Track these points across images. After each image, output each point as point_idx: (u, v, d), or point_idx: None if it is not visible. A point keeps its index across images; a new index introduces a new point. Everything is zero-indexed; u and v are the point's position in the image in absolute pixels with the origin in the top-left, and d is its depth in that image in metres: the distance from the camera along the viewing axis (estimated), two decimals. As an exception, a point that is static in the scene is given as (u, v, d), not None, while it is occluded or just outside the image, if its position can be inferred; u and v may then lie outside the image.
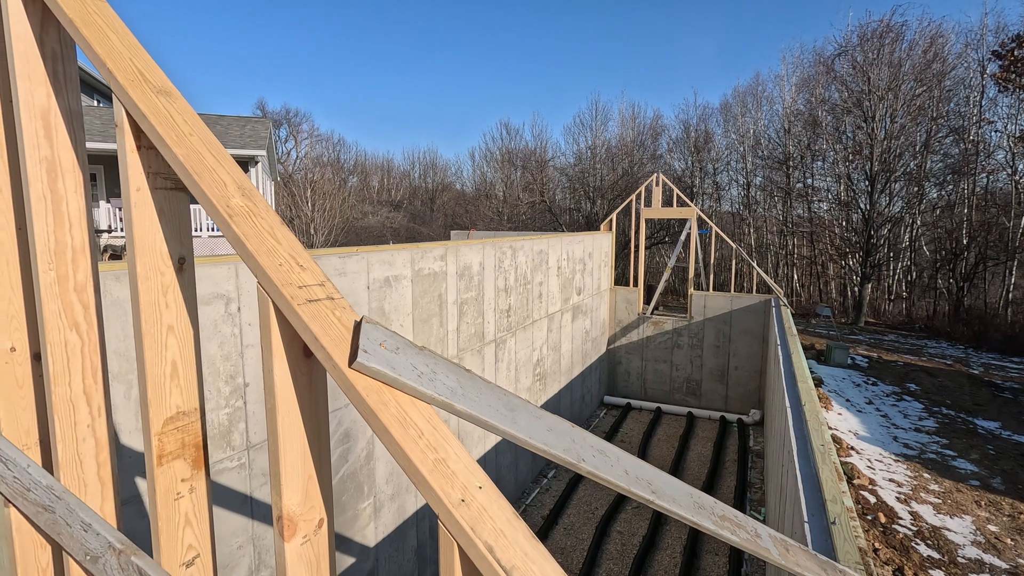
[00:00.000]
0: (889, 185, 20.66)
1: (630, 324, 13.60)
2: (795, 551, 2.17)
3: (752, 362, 12.32)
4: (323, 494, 1.23)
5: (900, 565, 3.33)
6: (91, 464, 1.63)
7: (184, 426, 1.43)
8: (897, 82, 20.06)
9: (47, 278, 1.49)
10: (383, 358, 1.09)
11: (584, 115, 43.54)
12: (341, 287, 4.53)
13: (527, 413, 1.33)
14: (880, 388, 8.42)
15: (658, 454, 10.46)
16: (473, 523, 0.93)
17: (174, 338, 1.38)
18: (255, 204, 1.24)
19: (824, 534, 2.89)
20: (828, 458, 3.67)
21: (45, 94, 1.47)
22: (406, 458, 0.97)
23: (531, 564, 0.90)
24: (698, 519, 1.77)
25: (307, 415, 1.19)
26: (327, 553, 1.26)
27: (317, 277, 1.18)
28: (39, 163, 1.46)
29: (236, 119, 19.32)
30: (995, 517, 4.50)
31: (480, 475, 1.04)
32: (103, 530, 1.42)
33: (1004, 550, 3.91)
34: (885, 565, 3.31)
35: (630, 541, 7.48)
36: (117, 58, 1.28)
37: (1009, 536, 4.15)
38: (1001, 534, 4.18)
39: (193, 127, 1.29)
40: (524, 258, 8.26)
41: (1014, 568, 3.70)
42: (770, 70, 48.86)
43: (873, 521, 3.95)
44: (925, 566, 3.38)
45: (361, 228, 39.68)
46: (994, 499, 4.89)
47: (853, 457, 5.22)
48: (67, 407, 1.56)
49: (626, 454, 1.63)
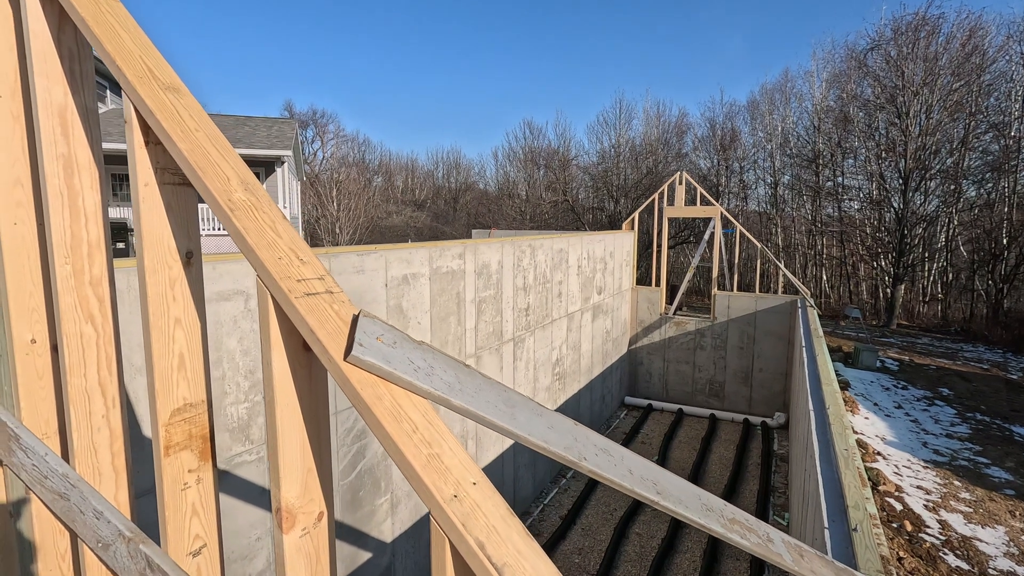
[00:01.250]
0: (924, 183, 20.00)
1: (652, 324, 13.44)
2: (810, 557, 2.11)
3: (777, 364, 12.06)
4: (323, 487, 1.23)
5: (926, 575, 3.20)
6: (105, 454, 1.67)
7: (191, 418, 1.44)
8: (933, 77, 19.38)
9: (63, 271, 1.53)
10: (379, 352, 1.08)
11: (608, 114, 43.24)
12: (359, 284, 4.58)
13: (528, 410, 1.31)
14: (910, 392, 8.14)
15: (679, 456, 10.32)
16: (465, 519, 0.92)
17: (181, 331, 1.40)
18: (257, 199, 1.24)
19: (845, 541, 2.80)
20: (851, 463, 3.56)
21: (62, 92, 1.51)
22: (399, 452, 0.96)
23: (524, 562, 0.88)
24: (705, 521, 1.73)
25: (306, 408, 1.19)
26: (327, 546, 1.26)
27: (317, 271, 1.18)
28: (56, 159, 1.50)
29: (263, 120, 19.71)
30: (1031, 528, 4.30)
31: (475, 471, 1.03)
32: (114, 518, 1.45)
33: (1040, 563, 3.73)
34: (910, 575, 3.18)
35: (648, 543, 7.39)
36: (127, 56, 1.31)
37: (1045, 548, 3.96)
38: (1037, 546, 4.00)
39: (199, 123, 1.30)
40: (543, 257, 8.23)
41: (1049, 582, 3.52)
42: (799, 66, 47.73)
43: (898, 529, 3.81)
44: (953, 577, 3.26)
45: (385, 227, 40.11)
46: (1030, 509, 4.65)
47: (879, 462, 5.04)
48: (83, 398, 1.59)
49: (631, 454, 1.59)
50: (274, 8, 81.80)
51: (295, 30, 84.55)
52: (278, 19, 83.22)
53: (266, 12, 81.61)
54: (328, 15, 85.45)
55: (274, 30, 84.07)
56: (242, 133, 18.05)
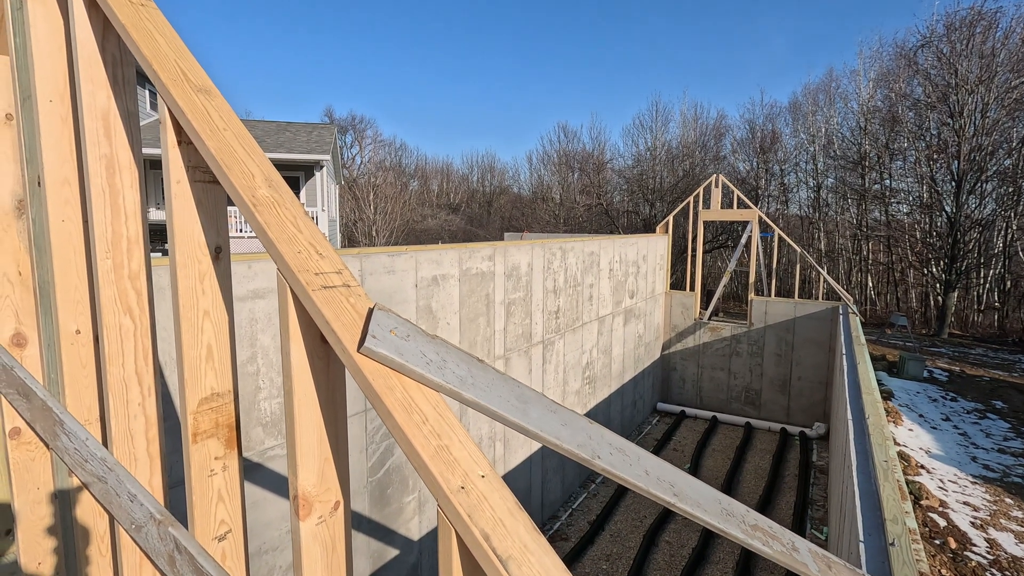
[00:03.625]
0: (979, 185, 19.01)
1: (686, 329, 13.18)
2: (839, 569, 2.03)
3: (817, 372, 11.65)
4: (340, 477, 1.26)
5: None
6: (141, 440, 1.74)
7: (218, 407, 1.50)
8: (990, 74, 18.42)
9: (104, 266, 1.62)
10: (392, 344, 1.10)
11: (644, 116, 42.74)
12: (390, 285, 4.66)
13: (541, 406, 1.31)
14: (960, 404, 7.71)
15: (712, 465, 10.08)
16: (471, 511, 0.93)
17: (210, 323, 1.46)
18: (280, 195, 1.28)
19: (881, 556, 2.69)
20: (891, 475, 3.42)
21: (105, 96, 1.59)
22: (408, 443, 0.98)
23: (529, 556, 0.88)
24: (725, 526, 1.69)
25: (324, 399, 1.22)
26: (343, 535, 1.29)
27: (335, 265, 1.21)
28: (99, 159, 1.58)
29: (304, 126, 20.30)
30: (1089, 551, 4.00)
31: (484, 464, 1.03)
32: (147, 501, 1.52)
33: (1098, 588, 3.47)
34: None
35: (679, 552, 7.24)
36: (163, 60, 1.37)
37: (1105, 573, 3.68)
38: (1095, 570, 3.72)
39: (228, 123, 1.36)
40: (574, 260, 8.19)
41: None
42: (845, 65, 46.13)
43: (941, 546, 3.60)
44: (1000, 599, 3.06)
45: (421, 230, 40.68)
46: (1090, 531, 4.33)
47: (923, 476, 4.79)
48: (120, 386, 1.68)
49: (648, 454, 1.57)
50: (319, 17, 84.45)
51: (336, 38, 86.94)
52: (322, 29, 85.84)
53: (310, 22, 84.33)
54: (367, 24, 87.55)
55: (317, 39, 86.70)
56: (283, 138, 18.63)
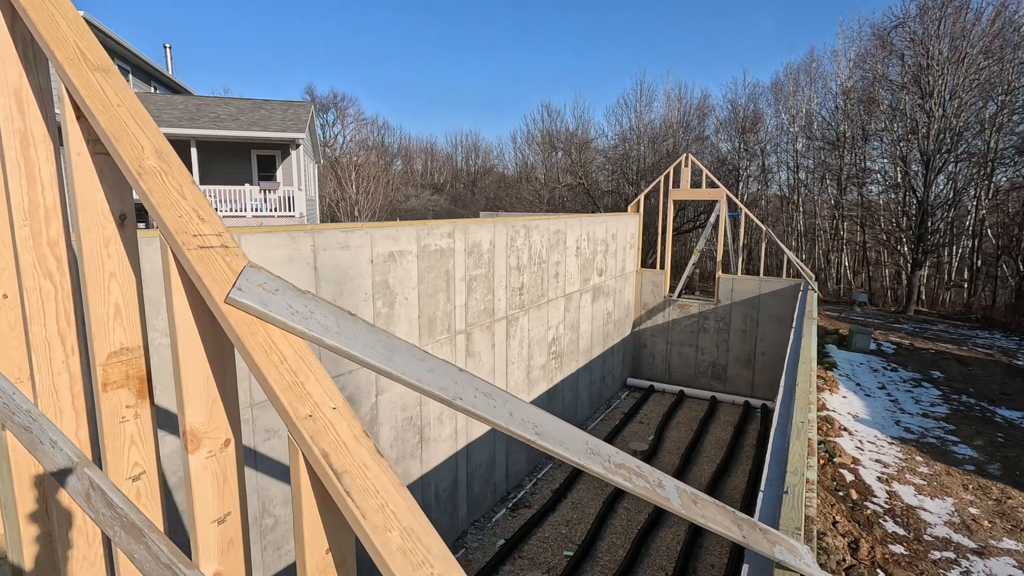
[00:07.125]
0: (947, 166, 19.41)
1: (656, 307, 13.48)
2: (705, 504, 2.26)
3: (780, 347, 12.03)
4: (229, 417, 1.43)
5: (857, 538, 3.29)
6: (66, 395, 1.89)
7: (128, 360, 1.65)
8: (959, 55, 18.69)
9: (22, 233, 1.74)
10: (257, 296, 1.26)
11: (628, 95, 42.59)
12: (344, 260, 4.79)
13: (409, 355, 1.48)
14: (899, 374, 8.10)
15: (675, 436, 10.44)
16: (315, 434, 1.10)
17: (116, 284, 1.60)
18: (169, 165, 1.42)
19: (775, 504, 2.93)
20: (803, 434, 3.66)
21: (17, 74, 1.70)
22: (263, 378, 1.15)
23: (366, 471, 1.07)
24: (587, 463, 1.90)
25: (211, 347, 1.37)
26: (235, 469, 1.46)
27: (215, 229, 1.36)
28: (13, 134, 1.70)
29: (279, 103, 20.01)
30: (979, 500, 4.34)
31: (337, 399, 1.21)
32: (65, 447, 1.68)
33: (977, 531, 3.79)
34: (841, 537, 3.29)
35: (636, 518, 7.58)
36: (61, 40, 1.49)
37: (988, 519, 4.00)
38: (980, 516, 4.04)
39: (122, 99, 1.48)
40: (539, 237, 8.34)
41: (982, 547, 3.58)
42: (826, 45, 46.16)
43: (843, 497, 3.90)
44: (886, 541, 3.33)
45: (404, 210, 40.45)
46: (985, 484, 4.72)
47: (843, 438, 5.10)
48: (43, 345, 1.82)
49: (518, 401, 1.77)
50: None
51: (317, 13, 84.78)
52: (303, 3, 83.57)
53: None
54: None
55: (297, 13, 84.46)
56: (258, 116, 18.38)
